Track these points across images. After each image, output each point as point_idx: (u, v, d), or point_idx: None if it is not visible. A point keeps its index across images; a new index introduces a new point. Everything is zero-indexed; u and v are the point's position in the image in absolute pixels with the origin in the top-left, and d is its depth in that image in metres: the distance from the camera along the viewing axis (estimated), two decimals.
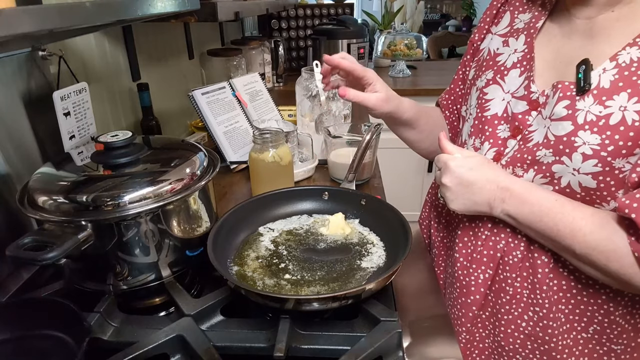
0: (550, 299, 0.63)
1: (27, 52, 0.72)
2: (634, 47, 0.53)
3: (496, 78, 0.67)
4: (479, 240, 0.68)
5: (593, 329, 0.63)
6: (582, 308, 0.62)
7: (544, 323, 0.63)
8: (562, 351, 0.64)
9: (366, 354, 0.49)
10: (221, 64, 1.52)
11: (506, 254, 0.65)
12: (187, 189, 0.58)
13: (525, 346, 0.66)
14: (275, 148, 0.81)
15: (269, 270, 0.61)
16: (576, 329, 0.64)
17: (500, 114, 0.66)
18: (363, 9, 3.32)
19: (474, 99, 0.71)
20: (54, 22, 0.42)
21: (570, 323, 0.63)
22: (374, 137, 0.88)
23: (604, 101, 0.53)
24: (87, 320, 0.53)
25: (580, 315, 0.63)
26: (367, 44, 2.07)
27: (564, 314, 0.63)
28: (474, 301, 0.69)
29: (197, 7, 0.85)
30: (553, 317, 0.63)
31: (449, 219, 0.78)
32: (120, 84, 1.06)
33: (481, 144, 0.68)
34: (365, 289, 0.52)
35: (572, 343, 0.64)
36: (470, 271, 0.69)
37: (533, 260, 0.63)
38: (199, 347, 0.51)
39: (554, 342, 0.64)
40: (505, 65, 0.67)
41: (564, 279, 0.62)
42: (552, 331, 0.63)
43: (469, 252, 0.70)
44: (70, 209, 0.52)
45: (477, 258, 0.68)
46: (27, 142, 0.73)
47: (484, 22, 0.76)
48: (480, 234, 0.68)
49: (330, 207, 0.75)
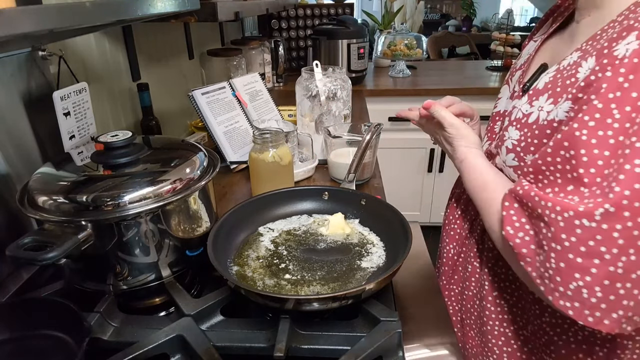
0: (493, 285, 0.67)
1: (27, 52, 0.72)
2: (577, 52, 0.53)
3: (507, 79, 0.72)
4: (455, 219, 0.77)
5: (530, 329, 0.64)
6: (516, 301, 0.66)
7: (487, 310, 0.68)
8: (496, 337, 0.68)
9: (366, 354, 0.49)
10: (221, 64, 1.52)
11: (471, 233, 0.72)
12: (187, 189, 0.58)
13: (477, 322, 0.72)
14: (275, 148, 0.81)
15: (269, 270, 0.61)
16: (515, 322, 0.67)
17: (502, 111, 0.70)
18: (363, 9, 3.32)
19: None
20: (54, 22, 0.42)
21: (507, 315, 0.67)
22: (374, 137, 0.88)
23: (532, 101, 0.57)
24: (87, 320, 0.53)
25: (516, 314, 0.66)
26: (367, 44, 2.07)
27: (504, 301, 0.67)
28: (445, 272, 0.80)
29: (197, 7, 0.85)
30: (494, 303, 0.67)
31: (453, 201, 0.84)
32: (120, 84, 1.06)
33: (484, 136, 0.75)
34: (365, 289, 0.52)
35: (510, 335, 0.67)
36: (444, 244, 0.79)
37: (484, 244, 0.69)
38: (199, 347, 0.51)
39: (490, 325, 0.68)
40: (515, 67, 0.72)
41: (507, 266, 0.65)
42: (492, 322, 0.68)
43: (446, 229, 0.80)
44: (70, 209, 0.52)
45: (450, 234, 0.77)
46: (27, 142, 0.73)
47: (535, 29, 0.76)
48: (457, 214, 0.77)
49: (330, 207, 0.75)
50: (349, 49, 2.00)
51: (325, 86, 1.13)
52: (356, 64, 2.04)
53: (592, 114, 0.44)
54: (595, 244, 0.42)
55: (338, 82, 1.15)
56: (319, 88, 1.12)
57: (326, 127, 1.00)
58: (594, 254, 0.43)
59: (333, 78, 1.15)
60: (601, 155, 0.43)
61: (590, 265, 0.43)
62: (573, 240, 0.44)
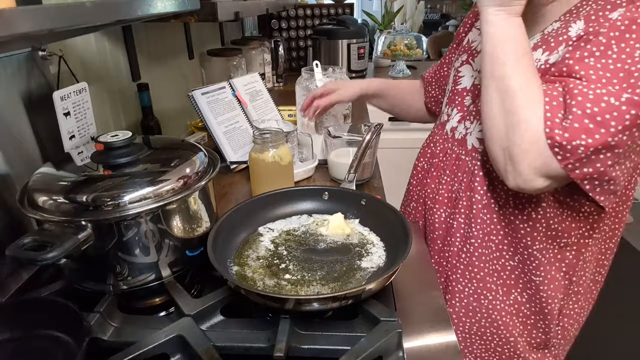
0: (484, 230, 0.74)
1: (27, 52, 0.72)
2: (558, 22, 0.65)
3: (469, 59, 0.80)
4: (441, 185, 0.81)
5: (518, 259, 0.74)
6: (508, 240, 0.73)
7: (478, 252, 0.76)
8: (492, 275, 0.76)
9: (366, 354, 0.49)
10: (221, 64, 1.52)
11: (459, 195, 0.77)
12: (187, 189, 0.58)
13: (464, 276, 0.79)
14: (275, 148, 0.81)
15: (269, 270, 0.61)
16: (504, 257, 0.74)
17: (468, 87, 0.78)
18: (363, 9, 3.31)
19: (451, 77, 0.86)
20: (54, 22, 0.42)
21: (499, 251, 0.74)
22: (374, 137, 0.88)
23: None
24: (87, 320, 0.53)
25: (507, 246, 0.74)
26: (367, 44, 2.07)
27: (494, 243, 0.74)
28: (438, 236, 0.83)
29: (197, 7, 0.85)
30: (485, 245, 0.75)
31: (424, 173, 0.89)
32: (120, 84, 1.06)
33: (451, 111, 0.82)
34: (365, 289, 0.52)
35: (500, 269, 0.75)
36: (434, 210, 0.83)
37: (472, 198, 0.74)
38: (199, 347, 0.51)
39: (486, 269, 0.76)
40: (476, 49, 0.79)
41: (494, 212, 0.73)
42: (485, 258, 0.75)
43: (433, 196, 0.83)
44: (70, 209, 0.52)
45: (439, 199, 0.81)
46: (27, 142, 0.73)
47: (468, 18, 0.90)
48: (442, 181, 0.81)
49: (330, 207, 0.75)
50: (349, 49, 2.00)
51: None
52: (356, 64, 2.04)
53: (596, 45, 0.55)
54: (610, 118, 0.53)
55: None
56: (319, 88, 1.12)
57: (326, 127, 1.00)
58: (604, 125, 0.53)
59: (333, 78, 1.15)
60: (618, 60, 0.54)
61: (596, 132, 0.54)
62: (595, 110, 0.54)
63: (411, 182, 0.94)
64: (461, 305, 0.80)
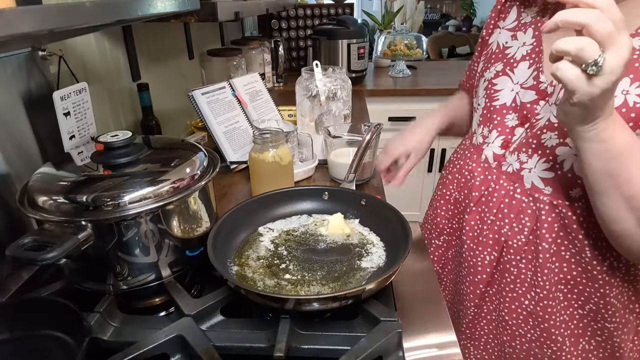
0: (551, 280, 0.68)
1: (27, 52, 0.72)
2: (636, 37, 0.56)
3: (506, 70, 0.70)
4: (485, 225, 0.73)
5: (589, 308, 0.68)
6: (580, 289, 0.67)
7: (544, 303, 0.69)
8: (559, 326, 0.69)
9: (366, 354, 0.49)
10: (221, 64, 1.52)
11: (510, 238, 0.70)
12: (187, 189, 0.58)
13: (527, 322, 0.72)
14: (275, 148, 0.81)
15: (269, 270, 0.61)
16: (573, 306, 0.69)
17: (508, 104, 0.69)
18: (363, 9, 3.31)
19: (481, 90, 0.75)
20: (54, 22, 0.42)
21: (568, 301, 0.68)
22: (374, 137, 0.88)
23: None
24: (87, 320, 0.53)
25: (577, 295, 0.68)
26: (367, 44, 2.07)
27: (563, 293, 0.68)
28: (481, 280, 0.75)
29: (197, 7, 0.85)
30: (552, 296, 0.68)
31: (457, 205, 0.82)
32: (120, 84, 1.06)
33: (489, 132, 0.72)
34: (365, 289, 0.52)
35: (568, 319, 0.69)
36: (477, 253, 0.75)
37: (535, 246, 0.68)
38: (199, 347, 0.51)
39: (552, 320, 0.69)
40: (514, 57, 0.69)
41: (565, 261, 0.66)
42: (551, 309, 0.69)
43: (475, 236, 0.76)
44: (70, 209, 0.52)
45: (482, 241, 0.74)
46: (27, 142, 0.73)
47: (490, 18, 0.80)
48: (486, 219, 0.73)
49: (330, 207, 0.75)
50: (349, 49, 2.00)
51: (325, 86, 1.13)
52: (356, 64, 2.04)
53: None
54: None
55: (338, 82, 1.15)
56: (319, 88, 1.12)
57: (326, 127, 1.00)
58: None
59: (333, 78, 1.15)
60: None
61: None
62: None
63: (439, 214, 0.86)
64: (522, 349, 0.74)
